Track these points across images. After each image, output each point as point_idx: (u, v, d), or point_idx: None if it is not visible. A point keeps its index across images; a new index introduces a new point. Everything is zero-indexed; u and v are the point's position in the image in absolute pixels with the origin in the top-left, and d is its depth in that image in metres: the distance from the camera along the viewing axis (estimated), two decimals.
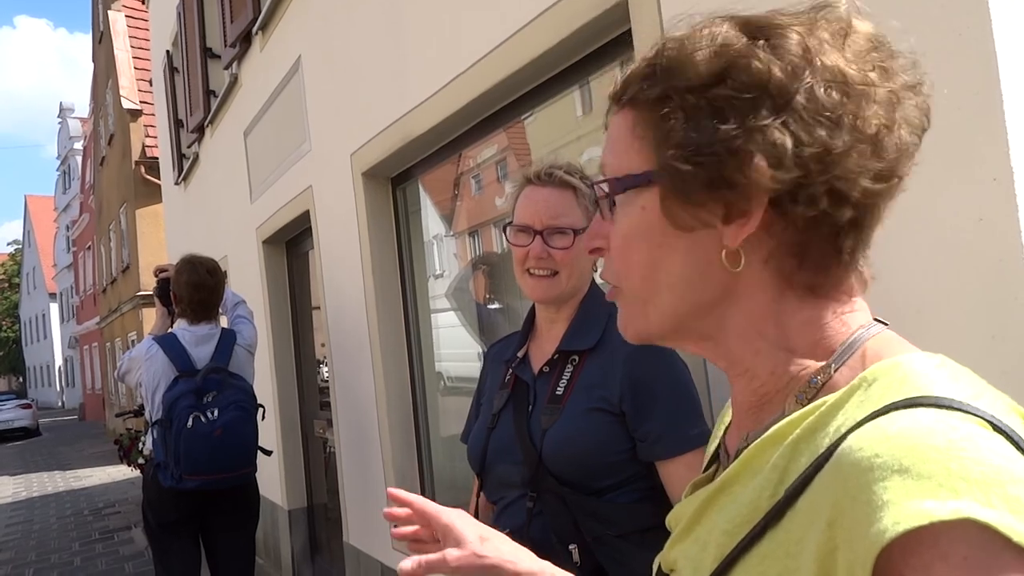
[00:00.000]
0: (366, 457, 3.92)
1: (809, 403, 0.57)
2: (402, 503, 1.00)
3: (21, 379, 50.30)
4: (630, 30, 1.99)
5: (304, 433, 5.47)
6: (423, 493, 3.60)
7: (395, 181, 3.66)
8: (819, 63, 0.57)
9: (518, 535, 1.46)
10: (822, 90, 0.56)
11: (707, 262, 0.61)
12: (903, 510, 0.44)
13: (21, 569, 7.53)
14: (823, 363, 0.59)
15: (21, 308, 47.53)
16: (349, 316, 4.00)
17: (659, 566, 0.70)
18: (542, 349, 1.63)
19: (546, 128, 2.85)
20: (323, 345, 4.84)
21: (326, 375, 4.80)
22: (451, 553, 0.91)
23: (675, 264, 0.62)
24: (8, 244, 50.37)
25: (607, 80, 2.43)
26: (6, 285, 47.70)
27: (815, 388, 0.59)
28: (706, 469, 0.73)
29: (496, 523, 1.59)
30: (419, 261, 3.67)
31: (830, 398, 0.55)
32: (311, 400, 5.41)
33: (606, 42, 2.22)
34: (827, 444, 0.52)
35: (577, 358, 1.56)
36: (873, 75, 0.58)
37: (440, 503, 3.64)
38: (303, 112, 4.41)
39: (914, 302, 1.23)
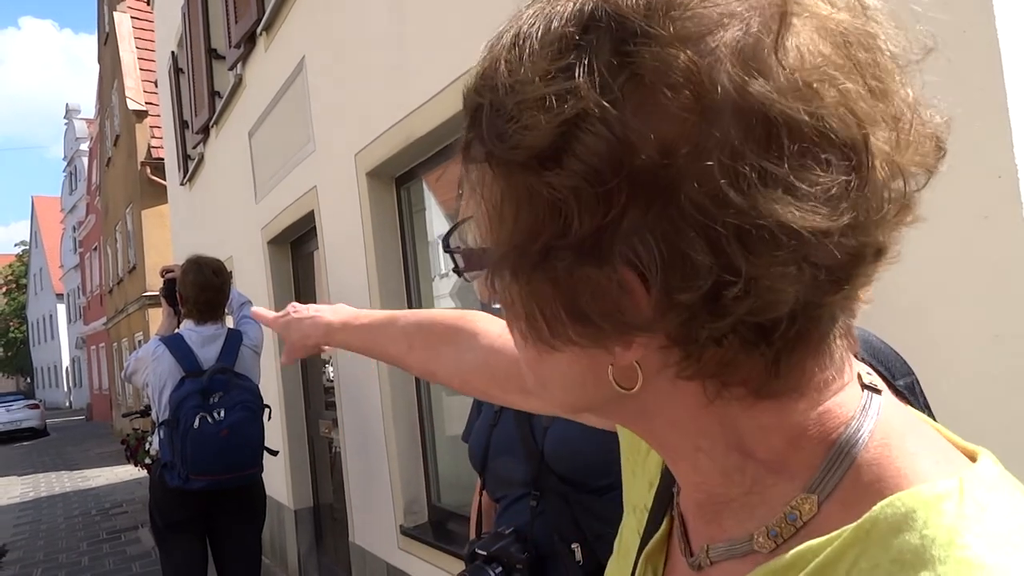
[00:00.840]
0: (371, 457, 3.93)
1: (786, 545, 0.41)
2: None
3: (29, 379, 50.50)
4: None
5: (309, 433, 5.48)
6: (428, 493, 3.61)
7: (399, 181, 3.67)
8: (722, 108, 0.34)
9: (521, 533, 1.51)
10: (730, 176, 0.34)
11: (597, 370, 0.43)
12: None
13: (29, 569, 7.56)
14: (800, 486, 0.41)
15: (28, 309, 47.72)
16: None
17: None
18: None
19: None
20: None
21: (331, 375, 4.81)
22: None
23: (559, 364, 0.44)
24: (15, 245, 50.63)
25: None
26: (13, 286, 47.88)
27: (793, 526, 0.41)
28: (652, 525, 0.55)
29: (499, 521, 1.60)
30: (423, 261, 3.67)
31: (818, 547, 0.38)
32: (316, 400, 5.42)
33: None
34: None
35: None
36: (832, 90, 0.35)
37: (445, 503, 3.64)
38: (307, 112, 4.41)
39: (916, 301, 1.22)
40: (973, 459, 0.41)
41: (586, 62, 0.36)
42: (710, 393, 0.41)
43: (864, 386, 0.43)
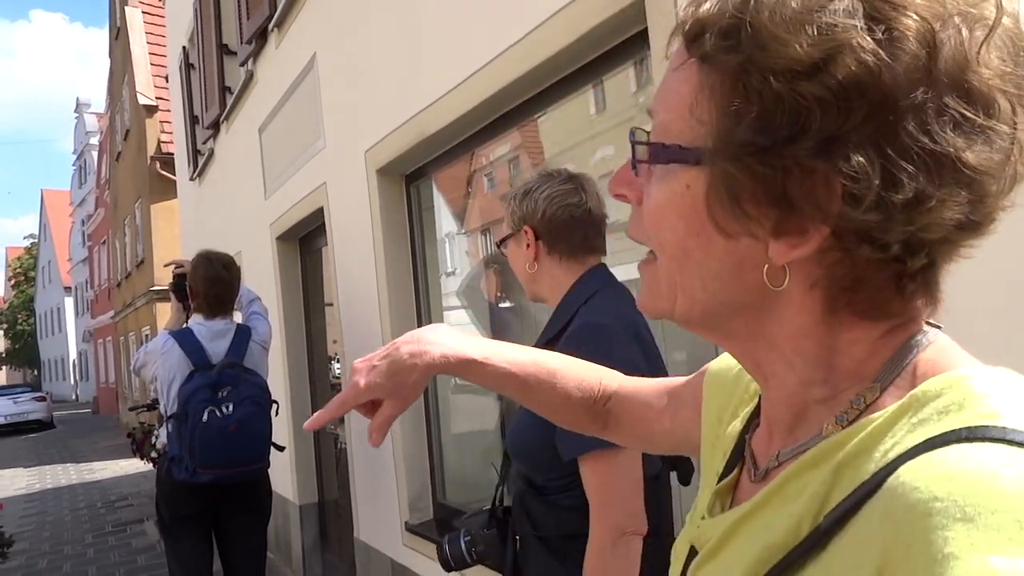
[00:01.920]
0: (377, 453, 3.94)
1: (851, 424, 0.51)
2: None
3: (36, 372, 50.73)
4: (645, 29, 1.99)
5: (315, 429, 5.49)
6: (433, 490, 3.61)
7: (409, 179, 3.68)
8: (942, 70, 0.46)
9: (495, 511, 1.69)
10: (935, 119, 0.46)
11: (746, 267, 0.53)
12: (967, 567, 0.38)
13: (35, 560, 7.60)
14: (868, 383, 0.52)
15: (36, 302, 47.94)
16: (362, 313, 4.01)
17: None
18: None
19: (559, 127, 2.85)
20: (335, 342, 4.87)
21: (338, 371, 4.82)
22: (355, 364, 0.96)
23: (710, 259, 0.54)
24: (24, 238, 50.80)
25: (621, 79, 2.43)
26: (22, 279, 48.11)
27: (858, 409, 0.52)
28: (728, 469, 0.67)
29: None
30: (432, 258, 3.68)
31: (876, 417, 0.49)
32: (323, 396, 5.43)
33: (621, 41, 2.22)
34: (873, 470, 0.46)
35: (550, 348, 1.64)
36: (1005, 102, 0.46)
37: (450, 500, 3.65)
38: (318, 109, 4.42)
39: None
40: None
41: (849, 6, 0.46)
42: (835, 305, 0.52)
43: (927, 324, 0.54)
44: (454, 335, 0.93)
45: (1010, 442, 0.42)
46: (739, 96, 0.49)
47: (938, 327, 0.55)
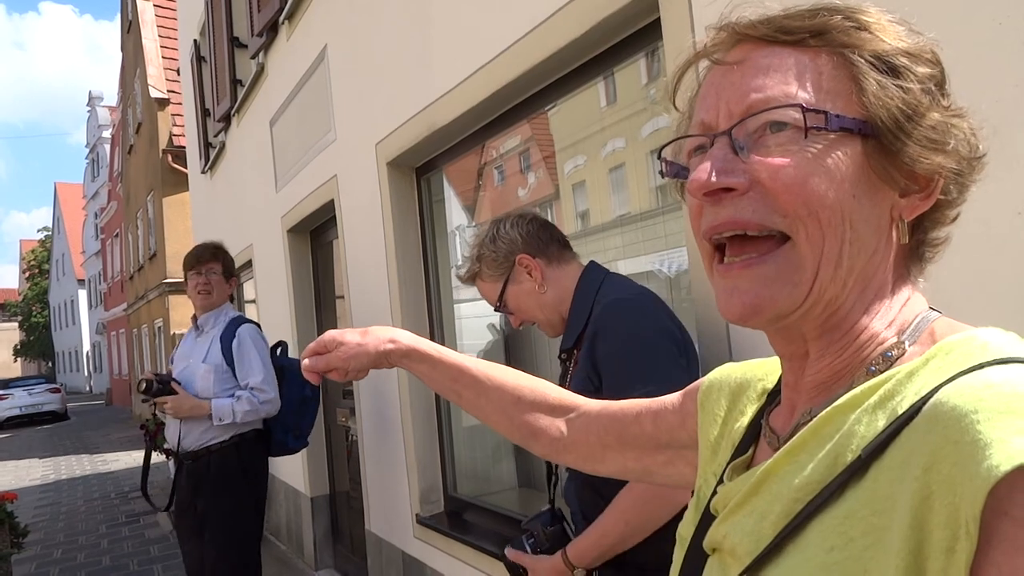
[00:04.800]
0: (388, 446, 3.94)
1: (881, 374, 0.57)
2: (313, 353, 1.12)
3: (50, 364, 51.16)
4: (659, 20, 1.97)
5: (327, 421, 5.51)
6: (444, 482, 3.62)
7: (419, 171, 3.67)
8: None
9: (555, 509, 1.75)
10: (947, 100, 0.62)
11: (883, 226, 0.61)
12: (1013, 447, 0.42)
13: (50, 550, 7.67)
14: (896, 339, 0.61)
15: (50, 294, 48.28)
16: (372, 305, 4.01)
17: (689, 546, 0.69)
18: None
19: (569, 119, 2.84)
20: None
21: None
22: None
23: (860, 221, 0.60)
24: (38, 231, 51.14)
25: (632, 71, 2.41)
26: (36, 271, 48.44)
27: (889, 361, 0.59)
28: (740, 452, 0.71)
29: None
30: (442, 251, 3.68)
31: (905, 367, 0.56)
32: (334, 389, 5.45)
33: (632, 32, 2.20)
34: (908, 404, 0.51)
35: (575, 351, 1.71)
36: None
37: (462, 493, 3.64)
38: (328, 101, 4.42)
39: (946, 297, 1.19)
40: None
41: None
42: (906, 257, 0.64)
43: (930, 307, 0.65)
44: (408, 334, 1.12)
45: None
46: (867, 70, 0.60)
47: (939, 312, 0.64)
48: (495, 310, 1.86)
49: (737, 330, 1.70)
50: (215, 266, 3.70)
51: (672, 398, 0.89)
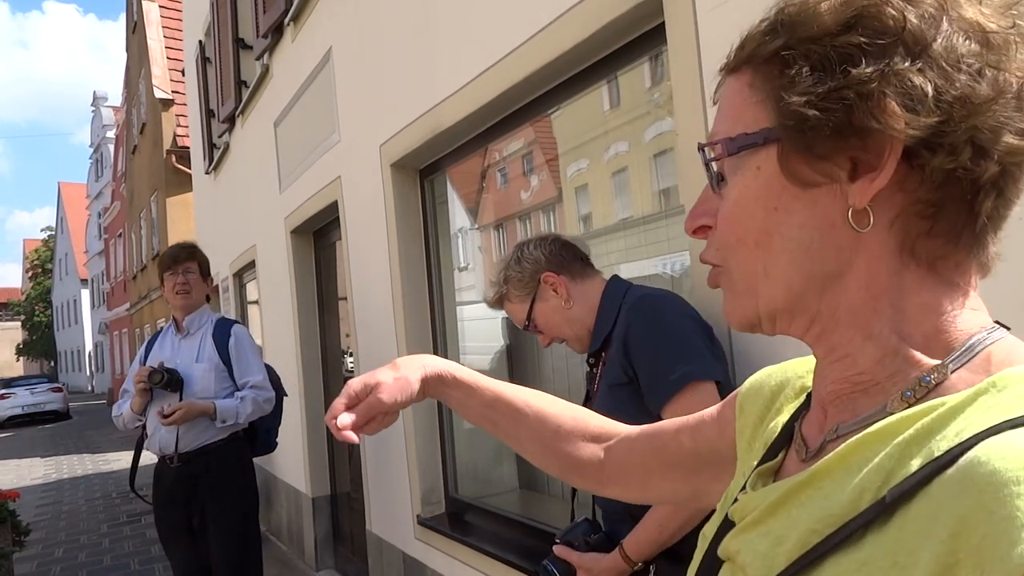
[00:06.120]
0: (390, 447, 3.95)
1: (919, 403, 0.52)
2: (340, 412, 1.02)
3: (52, 363, 51.20)
4: (663, 24, 1.98)
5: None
6: (445, 483, 3.62)
7: (423, 173, 3.68)
8: (955, 14, 0.53)
9: (593, 518, 1.78)
10: (961, 38, 0.52)
11: (828, 225, 0.56)
12: None
13: (51, 548, 7.69)
14: (938, 361, 0.54)
15: (53, 293, 48.35)
16: (375, 307, 4.02)
17: (706, 551, 0.67)
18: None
19: (573, 123, 2.85)
20: (348, 335, 4.88)
21: (351, 365, 4.84)
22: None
23: (792, 228, 0.57)
24: (41, 230, 51.25)
25: (635, 75, 2.42)
26: (39, 270, 48.53)
27: (927, 387, 0.53)
28: (770, 456, 0.68)
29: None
30: (445, 253, 3.68)
31: (950, 400, 0.50)
32: (336, 389, 5.45)
33: (637, 36, 2.21)
34: (946, 448, 0.47)
35: (603, 353, 1.76)
36: (1013, 30, 0.53)
37: (463, 494, 3.64)
38: (333, 103, 4.43)
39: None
40: None
41: None
42: (909, 245, 0.55)
43: (996, 322, 0.57)
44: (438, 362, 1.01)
45: None
46: (789, 64, 0.55)
47: (1007, 328, 0.57)
48: (523, 329, 1.91)
49: (737, 331, 1.72)
50: (192, 265, 3.66)
51: (710, 410, 0.87)
